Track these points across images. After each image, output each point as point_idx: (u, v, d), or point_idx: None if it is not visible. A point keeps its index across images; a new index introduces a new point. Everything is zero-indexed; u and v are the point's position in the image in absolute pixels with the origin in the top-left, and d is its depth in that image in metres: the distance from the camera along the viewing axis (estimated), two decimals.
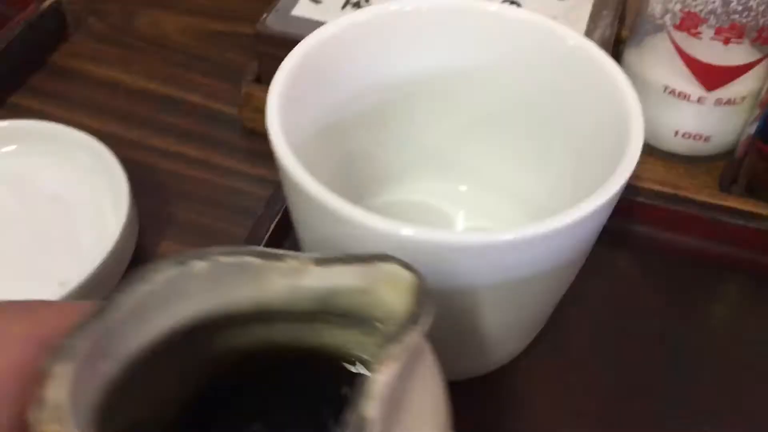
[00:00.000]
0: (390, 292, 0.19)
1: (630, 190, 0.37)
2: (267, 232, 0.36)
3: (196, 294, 0.18)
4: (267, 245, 0.35)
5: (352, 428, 0.15)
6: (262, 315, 0.20)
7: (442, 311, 0.28)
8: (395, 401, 0.17)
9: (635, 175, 0.39)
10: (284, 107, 0.28)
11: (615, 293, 0.37)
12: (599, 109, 0.30)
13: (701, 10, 0.36)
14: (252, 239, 0.35)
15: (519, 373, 0.34)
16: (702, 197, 0.37)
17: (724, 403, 0.33)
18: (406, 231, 0.24)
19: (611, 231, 0.38)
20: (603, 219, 0.27)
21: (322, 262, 0.19)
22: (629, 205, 0.38)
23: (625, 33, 0.45)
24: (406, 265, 0.19)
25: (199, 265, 0.18)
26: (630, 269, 0.38)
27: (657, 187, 0.38)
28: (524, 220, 0.36)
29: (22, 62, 0.46)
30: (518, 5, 0.41)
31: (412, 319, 0.17)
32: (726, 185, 0.40)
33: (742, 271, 0.38)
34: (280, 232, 0.36)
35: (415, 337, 0.17)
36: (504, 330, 0.31)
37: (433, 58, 0.33)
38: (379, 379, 0.16)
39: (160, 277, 0.17)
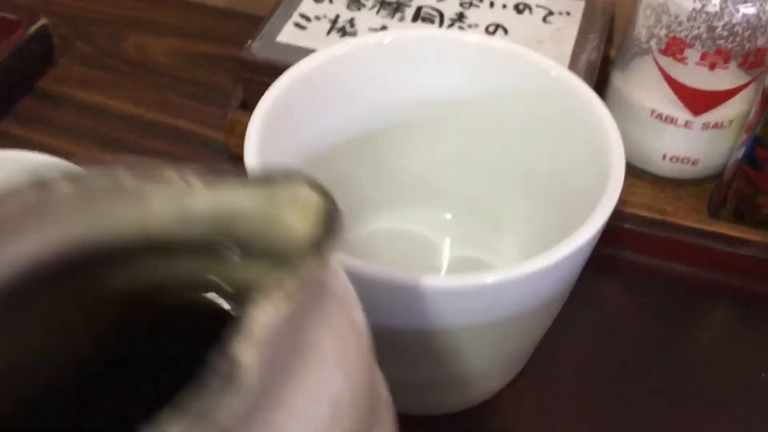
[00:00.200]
0: (297, 218, 0.16)
1: (617, 216, 0.37)
2: None
3: (63, 219, 0.16)
4: None
5: (220, 375, 0.12)
6: (154, 246, 0.17)
7: (425, 350, 0.28)
8: (287, 347, 0.14)
9: (623, 201, 0.39)
10: (264, 141, 0.28)
11: (602, 320, 0.37)
12: (581, 141, 0.30)
13: (686, 36, 0.36)
14: None
15: (506, 405, 0.33)
16: (689, 222, 0.37)
17: (714, 428, 0.33)
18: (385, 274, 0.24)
19: (598, 258, 0.37)
20: (585, 256, 0.27)
21: (212, 182, 0.16)
22: (616, 231, 0.37)
23: (613, 53, 0.45)
24: (313, 185, 0.16)
25: (63, 188, 0.16)
26: (617, 296, 0.38)
27: (644, 213, 0.38)
28: (510, 248, 0.36)
29: (9, 88, 0.46)
30: (505, 29, 0.41)
31: (314, 246, 0.14)
32: (715, 209, 0.40)
33: (730, 296, 0.37)
34: None
35: (315, 269, 0.14)
36: (489, 366, 0.30)
37: (416, 88, 0.33)
38: (260, 318, 0.13)
39: (14, 201, 0.15)
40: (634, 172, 0.42)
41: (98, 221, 0.16)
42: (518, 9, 0.42)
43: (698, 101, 0.37)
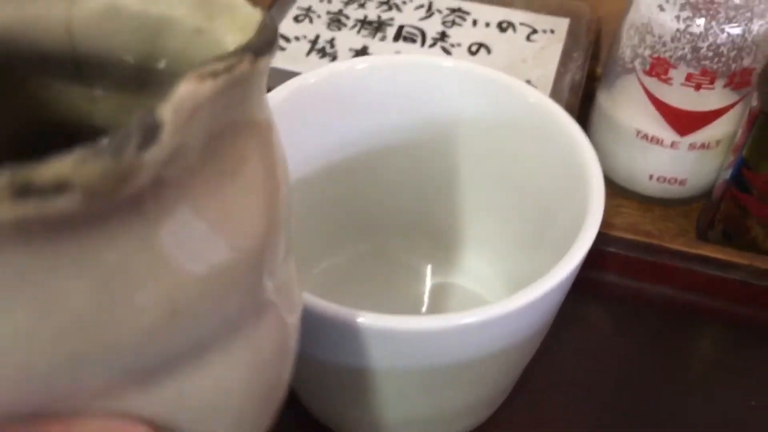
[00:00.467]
0: (231, 32, 0.15)
1: (602, 239, 0.37)
2: None
3: None
4: None
5: (137, 127, 0.11)
6: (76, 60, 0.16)
7: (401, 389, 0.27)
8: (206, 144, 0.13)
9: (609, 223, 0.38)
10: None
11: (587, 346, 0.36)
12: (560, 170, 0.29)
13: (671, 56, 0.35)
14: None
15: None
16: (676, 245, 0.36)
17: None
18: (360, 318, 0.23)
19: (583, 281, 0.37)
20: (564, 291, 0.26)
21: None
22: (601, 254, 0.37)
23: (600, 70, 0.44)
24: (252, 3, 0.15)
25: None
26: (602, 321, 0.37)
27: (630, 236, 0.37)
28: (493, 274, 0.35)
29: None
30: (488, 49, 0.41)
31: (249, 47, 0.13)
32: (702, 230, 0.39)
33: (718, 321, 0.37)
34: None
35: (245, 66, 0.13)
36: (470, 401, 0.29)
37: (393, 113, 0.32)
38: (184, 88, 0.12)
39: None
40: (620, 192, 0.41)
41: (22, 8, 0.15)
42: (501, 27, 0.42)
43: (684, 122, 0.37)
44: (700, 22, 0.34)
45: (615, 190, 0.42)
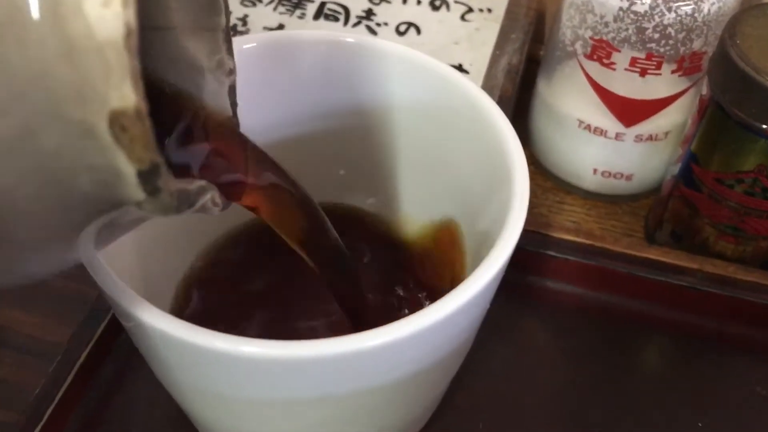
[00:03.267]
0: None
1: (541, 242, 0.33)
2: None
3: None
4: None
5: (184, 197, 0.16)
6: None
7: (297, 419, 0.23)
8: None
9: (549, 223, 0.35)
10: None
11: (522, 360, 0.32)
12: (482, 159, 0.25)
13: (613, 38, 0.31)
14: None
15: None
16: (620, 248, 0.33)
17: None
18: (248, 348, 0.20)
19: (518, 288, 0.33)
20: (482, 305, 0.23)
21: None
22: (540, 258, 0.33)
23: (543, 53, 0.41)
24: None
25: None
26: (538, 332, 0.33)
27: (571, 237, 0.33)
28: None
29: None
30: (418, 29, 0.37)
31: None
32: (651, 230, 0.36)
33: (664, 331, 0.33)
34: None
35: (216, 207, 0.18)
36: (389, 425, 0.26)
37: (292, 99, 0.28)
38: (207, 201, 0.17)
39: None
40: (563, 187, 0.38)
41: None
42: (434, 5, 0.38)
43: (629, 111, 0.33)
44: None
45: (557, 184, 0.38)
